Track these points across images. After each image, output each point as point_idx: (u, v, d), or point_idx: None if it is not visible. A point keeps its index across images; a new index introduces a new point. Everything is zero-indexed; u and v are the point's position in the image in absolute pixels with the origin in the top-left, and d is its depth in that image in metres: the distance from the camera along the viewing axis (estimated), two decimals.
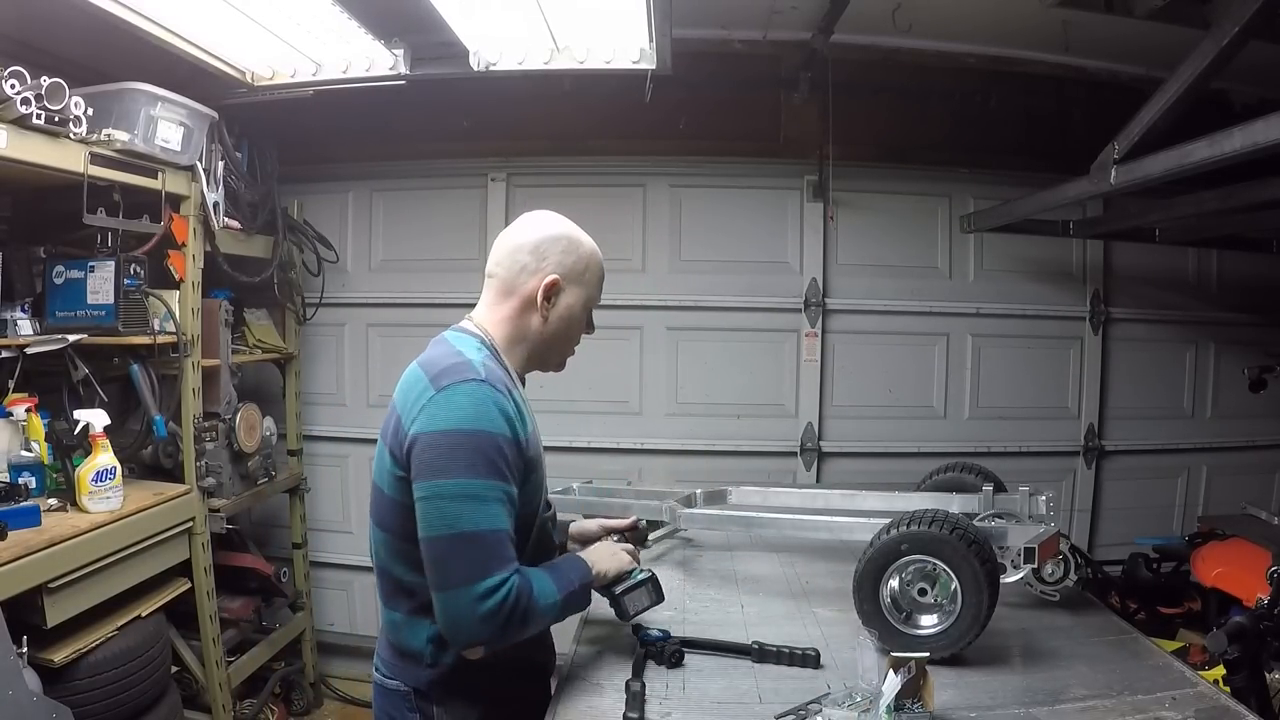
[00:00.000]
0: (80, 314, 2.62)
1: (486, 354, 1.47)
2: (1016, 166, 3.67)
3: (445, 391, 1.34)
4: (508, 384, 1.44)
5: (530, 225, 1.55)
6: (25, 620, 2.14)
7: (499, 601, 1.29)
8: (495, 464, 1.32)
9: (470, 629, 1.31)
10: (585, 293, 1.55)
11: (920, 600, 1.69)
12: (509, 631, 1.34)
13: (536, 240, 1.52)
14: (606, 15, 2.55)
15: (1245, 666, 2.19)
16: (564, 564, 1.53)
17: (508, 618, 1.31)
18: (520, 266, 1.51)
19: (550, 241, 1.52)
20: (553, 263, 1.50)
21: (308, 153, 3.69)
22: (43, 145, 2.27)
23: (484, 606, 1.29)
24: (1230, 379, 3.90)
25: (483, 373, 1.38)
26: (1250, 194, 2.69)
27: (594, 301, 1.58)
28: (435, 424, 1.32)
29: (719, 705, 1.51)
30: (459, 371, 1.37)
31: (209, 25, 2.55)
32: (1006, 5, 3.07)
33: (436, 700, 1.46)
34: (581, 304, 1.54)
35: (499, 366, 1.47)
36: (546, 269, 1.50)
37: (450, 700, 1.46)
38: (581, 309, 1.55)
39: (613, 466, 3.69)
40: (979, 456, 3.38)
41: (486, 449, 1.32)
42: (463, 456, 1.30)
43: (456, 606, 1.30)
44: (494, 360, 1.47)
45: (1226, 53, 2.11)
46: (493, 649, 1.36)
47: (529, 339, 1.53)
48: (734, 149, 3.76)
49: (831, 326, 3.80)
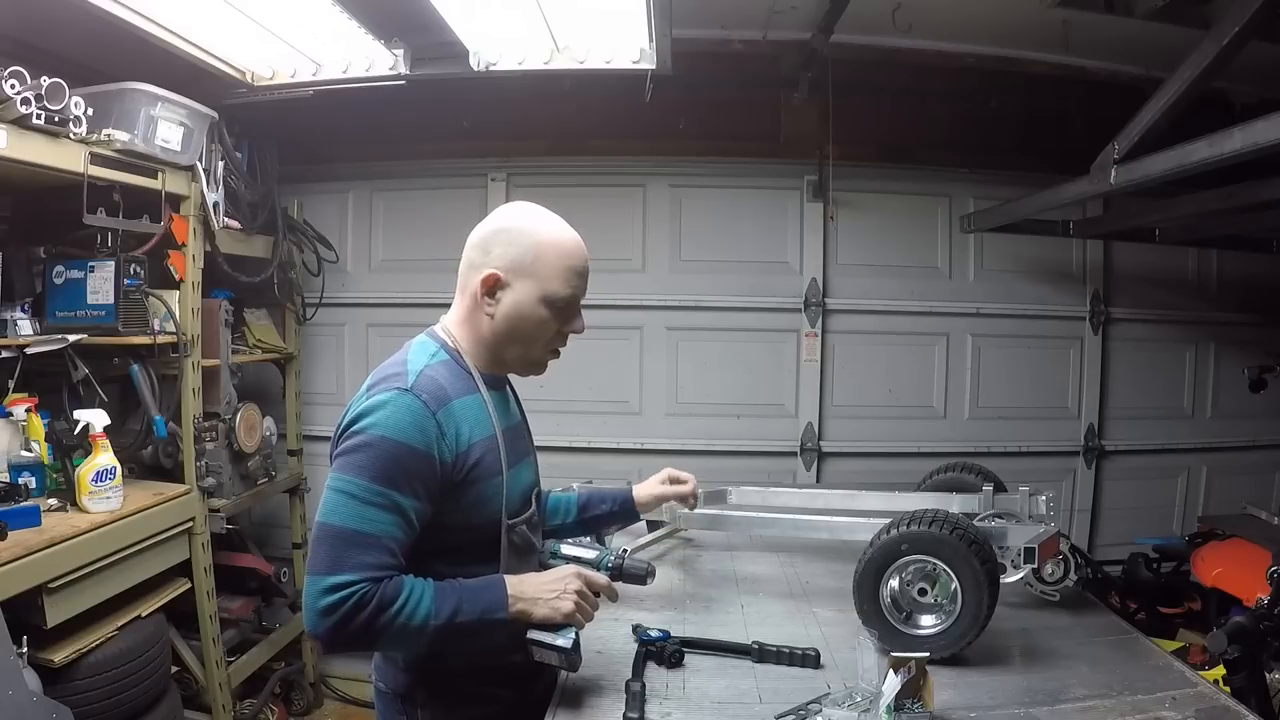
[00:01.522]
0: (80, 314, 2.62)
1: (444, 359, 1.43)
2: (1016, 166, 3.67)
3: (371, 397, 1.34)
4: (446, 394, 1.37)
5: (487, 219, 1.48)
6: (25, 620, 2.14)
7: (336, 601, 1.24)
8: (390, 472, 1.28)
9: (310, 621, 1.28)
10: (538, 286, 1.41)
11: (920, 600, 1.69)
12: (345, 637, 1.27)
13: (485, 234, 1.44)
14: (606, 15, 2.55)
15: (1245, 666, 2.19)
16: (479, 589, 1.36)
17: (342, 622, 1.24)
18: (469, 263, 1.45)
19: (495, 234, 1.43)
20: (495, 256, 1.41)
21: (308, 153, 3.69)
22: (43, 145, 2.27)
23: (322, 602, 1.25)
24: (1230, 379, 3.90)
25: (410, 381, 1.34)
26: (1250, 194, 2.69)
27: (557, 295, 1.42)
28: (348, 424, 1.34)
29: (719, 705, 1.51)
30: (390, 380, 1.36)
31: (209, 25, 2.55)
32: (1006, 5, 3.07)
33: (420, 703, 1.44)
34: (535, 299, 1.41)
35: (453, 372, 1.42)
36: (489, 263, 1.41)
37: (432, 703, 1.44)
38: (536, 304, 1.41)
39: (613, 466, 3.69)
40: (979, 456, 3.38)
41: (384, 455, 1.28)
42: (359, 457, 1.29)
43: (307, 594, 1.28)
44: (450, 366, 1.42)
45: (1226, 53, 2.11)
46: (335, 651, 1.35)
47: (484, 339, 1.45)
48: (734, 149, 3.76)
49: (831, 326, 3.80)
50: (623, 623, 1.81)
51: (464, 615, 1.31)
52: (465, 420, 1.38)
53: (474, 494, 1.39)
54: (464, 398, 1.41)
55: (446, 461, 1.34)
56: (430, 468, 1.32)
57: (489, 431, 1.42)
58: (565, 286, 1.42)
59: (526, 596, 1.36)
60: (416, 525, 1.32)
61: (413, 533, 1.32)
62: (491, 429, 1.43)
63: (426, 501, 1.33)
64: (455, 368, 1.43)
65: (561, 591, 1.38)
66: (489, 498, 1.41)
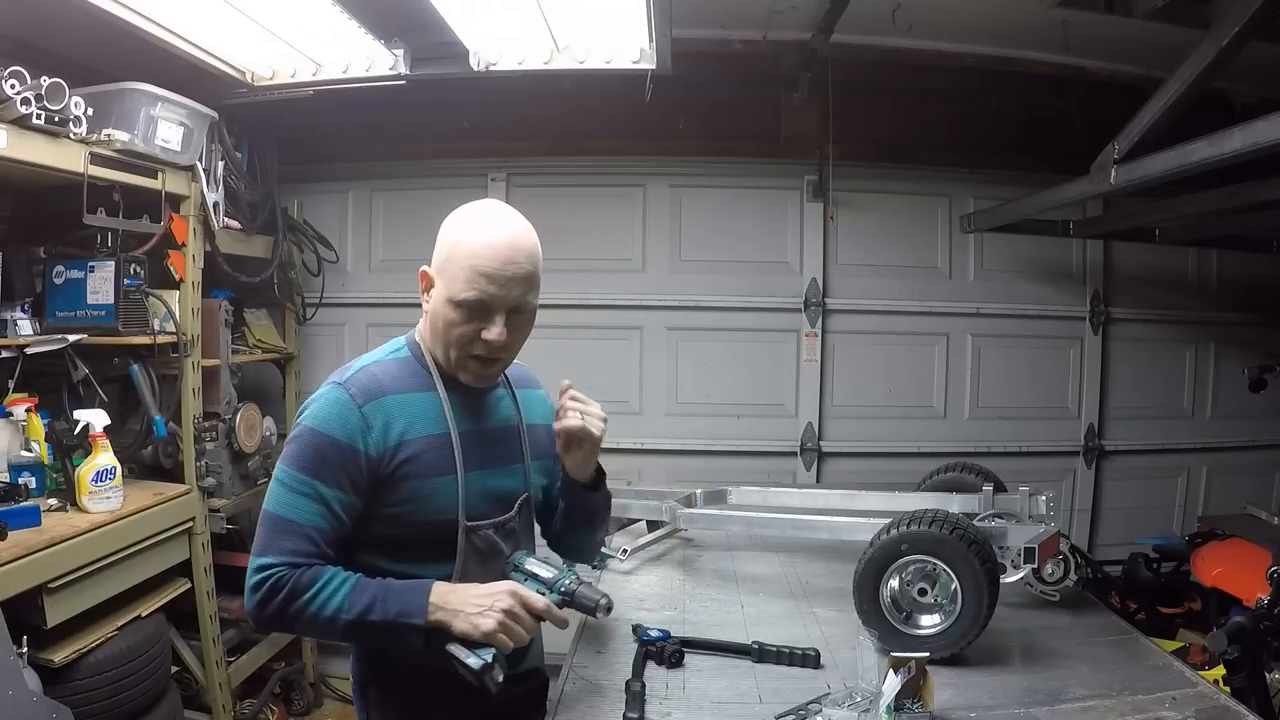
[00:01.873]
0: (80, 314, 2.61)
1: (403, 356, 1.45)
2: (1016, 166, 3.67)
3: (317, 390, 1.41)
4: (381, 389, 1.38)
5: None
6: (25, 620, 2.14)
7: (258, 582, 1.30)
8: (314, 463, 1.33)
9: (245, 598, 1.34)
10: (446, 286, 1.38)
11: (920, 600, 1.69)
12: (265, 617, 1.31)
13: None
14: (606, 15, 2.55)
15: (1245, 666, 2.19)
16: (400, 591, 1.32)
17: (261, 603, 1.30)
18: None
19: (439, 231, 1.44)
20: (433, 254, 1.43)
21: (308, 153, 3.69)
22: (43, 145, 2.27)
23: (250, 580, 1.31)
24: (1230, 379, 3.90)
25: (346, 376, 1.39)
26: (1250, 194, 2.69)
27: (460, 297, 1.36)
28: (297, 417, 1.41)
29: (719, 705, 1.51)
30: (335, 375, 1.42)
31: (209, 25, 2.55)
32: (1006, 5, 3.07)
33: (375, 701, 1.46)
34: (444, 298, 1.38)
35: (407, 369, 1.43)
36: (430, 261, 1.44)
37: (384, 698, 1.45)
38: (445, 303, 1.38)
39: (612, 466, 3.61)
40: (979, 456, 3.38)
41: (308, 447, 1.34)
42: (291, 448, 1.36)
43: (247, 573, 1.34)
44: (406, 364, 1.44)
45: (1226, 53, 2.11)
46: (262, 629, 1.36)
47: (428, 336, 1.46)
48: (734, 149, 3.76)
49: (831, 326, 3.80)
50: (623, 623, 1.81)
51: (376, 614, 1.29)
52: (401, 416, 1.38)
53: (407, 490, 1.37)
54: (408, 394, 1.41)
55: (372, 455, 1.34)
56: (353, 460, 1.34)
57: (436, 430, 1.40)
58: (468, 288, 1.35)
59: (450, 607, 1.30)
60: (342, 515, 1.34)
61: (337, 523, 1.34)
62: (442, 428, 1.40)
63: (352, 493, 1.34)
64: (412, 365, 1.45)
65: (488, 608, 1.29)
66: (427, 496, 1.38)
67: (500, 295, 1.36)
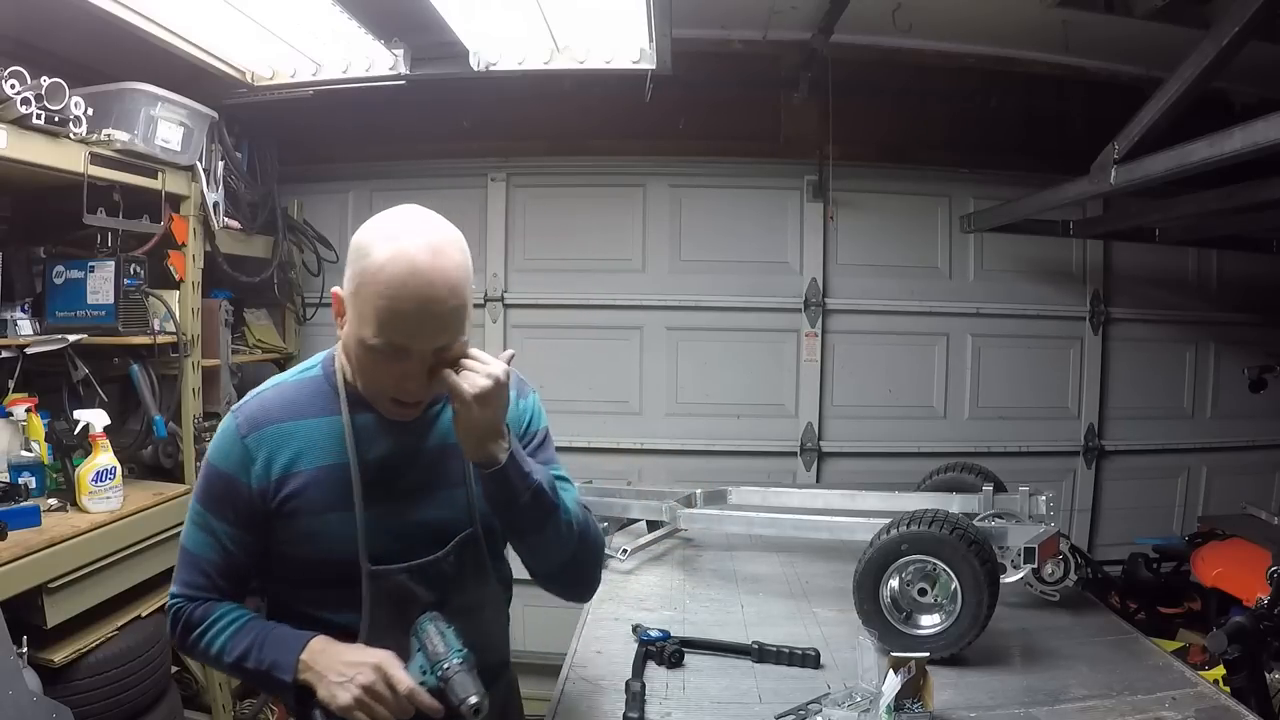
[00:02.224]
0: (80, 314, 2.61)
1: (312, 376, 1.31)
2: (1016, 166, 3.67)
3: None
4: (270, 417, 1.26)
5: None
6: (25, 620, 2.14)
7: (169, 610, 1.29)
8: (205, 495, 1.27)
9: None
10: (355, 321, 1.17)
11: (920, 600, 1.69)
12: (181, 646, 1.30)
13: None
14: (606, 15, 2.55)
15: (1245, 666, 2.19)
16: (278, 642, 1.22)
17: (171, 633, 1.30)
18: None
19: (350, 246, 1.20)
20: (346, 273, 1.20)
21: (308, 153, 3.69)
22: (43, 145, 2.27)
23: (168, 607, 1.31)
24: (1230, 379, 3.90)
25: (243, 402, 1.31)
26: (1250, 194, 2.69)
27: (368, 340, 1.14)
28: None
29: (719, 705, 1.51)
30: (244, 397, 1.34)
31: (209, 25, 2.55)
32: (1006, 5, 3.07)
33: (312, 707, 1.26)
34: (354, 335, 1.17)
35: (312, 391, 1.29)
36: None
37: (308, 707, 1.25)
38: (356, 342, 1.17)
39: (613, 466, 3.69)
40: (979, 456, 3.38)
41: (203, 478, 1.29)
42: (198, 478, 1.32)
43: None
44: (313, 384, 1.30)
45: (1226, 53, 2.11)
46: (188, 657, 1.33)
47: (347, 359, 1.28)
48: (734, 149, 3.76)
49: (831, 326, 3.80)
50: (623, 623, 1.81)
51: (252, 662, 1.22)
52: (289, 446, 1.25)
53: (296, 528, 1.24)
54: (302, 421, 1.26)
55: (254, 489, 1.24)
56: (237, 493, 1.24)
57: (330, 460, 1.24)
58: (378, 334, 1.13)
59: (317, 668, 1.18)
60: (233, 550, 1.26)
61: (230, 556, 1.27)
62: (339, 457, 1.24)
63: (242, 528, 1.26)
64: (319, 385, 1.30)
65: (349, 679, 1.15)
66: (316, 535, 1.24)
67: (418, 343, 1.14)
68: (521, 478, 1.21)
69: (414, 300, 1.11)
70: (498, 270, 3.79)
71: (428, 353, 1.15)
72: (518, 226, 3.82)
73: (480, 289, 3.76)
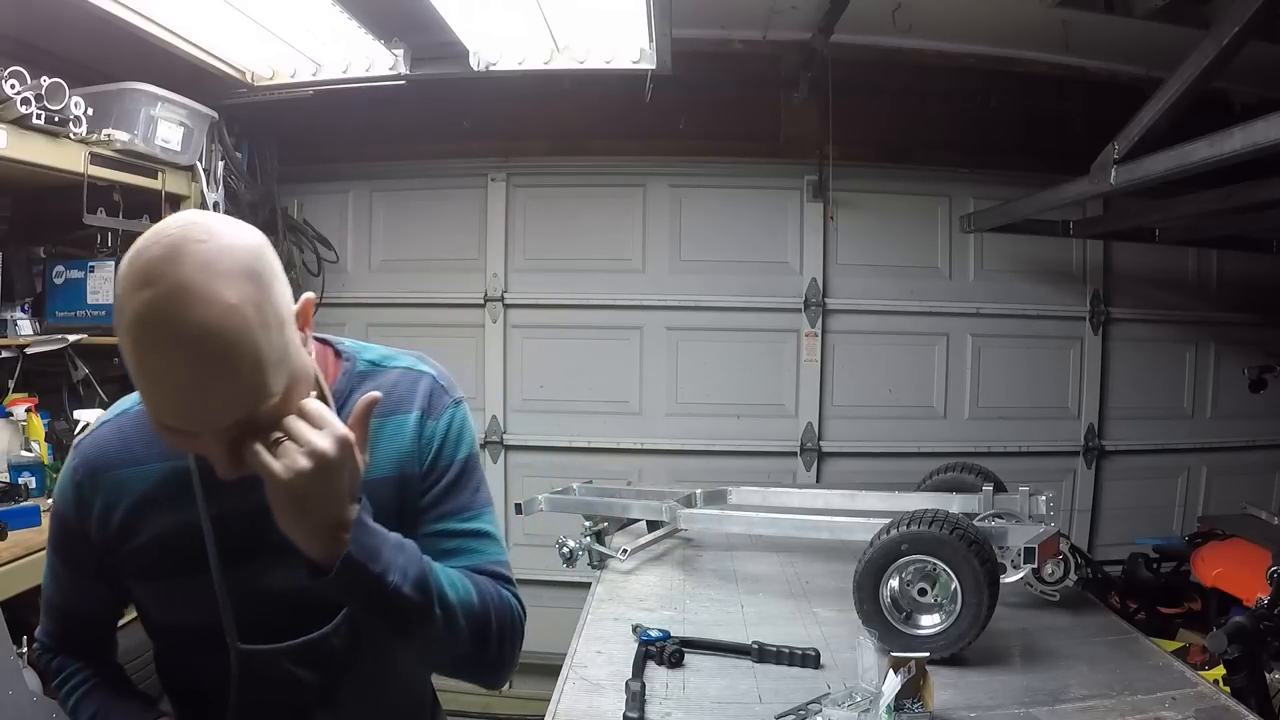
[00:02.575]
0: (80, 314, 2.62)
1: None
2: (1016, 166, 3.67)
3: None
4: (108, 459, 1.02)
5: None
6: (25, 620, 2.13)
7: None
8: (52, 538, 1.11)
9: None
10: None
11: (920, 600, 1.69)
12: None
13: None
14: (606, 15, 2.55)
15: (1245, 666, 2.19)
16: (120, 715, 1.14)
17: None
18: None
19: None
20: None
21: (308, 153, 3.69)
22: (43, 145, 2.27)
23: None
24: (1230, 379, 3.90)
25: (82, 436, 1.10)
26: (1250, 194, 2.69)
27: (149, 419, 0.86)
28: None
29: (719, 705, 1.51)
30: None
31: (209, 25, 2.56)
32: (1006, 5, 3.07)
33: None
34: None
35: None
36: None
37: None
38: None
39: (613, 466, 3.69)
40: (979, 456, 3.38)
41: (50, 519, 1.11)
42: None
43: None
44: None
45: (1226, 53, 2.11)
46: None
47: None
48: (734, 149, 3.76)
49: (831, 326, 3.80)
50: (623, 623, 1.81)
51: None
52: (125, 497, 1.01)
53: (141, 593, 1.07)
54: (140, 467, 1.01)
55: (95, 539, 1.03)
56: (82, 540, 1.04)
57: (176, 513, 1.00)
58: (149, 404, 0.84)
59: None
60: (85, 602, 1.13)
61: (82, 608, 1.14)
62: (188, 511, 0.99)
63: (91, 578, 1.08)
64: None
65: None
66: (164, 605, 1.06)
67: (191, 425, 0.83)
68: (371, 581, 0.88)
69: (164, 372, 0.80)
70: (498, 270, 3.79)
71: (219, 429, 0.83)
72: (517, 226, 3.82)
73: (480, 289, 3.77)
